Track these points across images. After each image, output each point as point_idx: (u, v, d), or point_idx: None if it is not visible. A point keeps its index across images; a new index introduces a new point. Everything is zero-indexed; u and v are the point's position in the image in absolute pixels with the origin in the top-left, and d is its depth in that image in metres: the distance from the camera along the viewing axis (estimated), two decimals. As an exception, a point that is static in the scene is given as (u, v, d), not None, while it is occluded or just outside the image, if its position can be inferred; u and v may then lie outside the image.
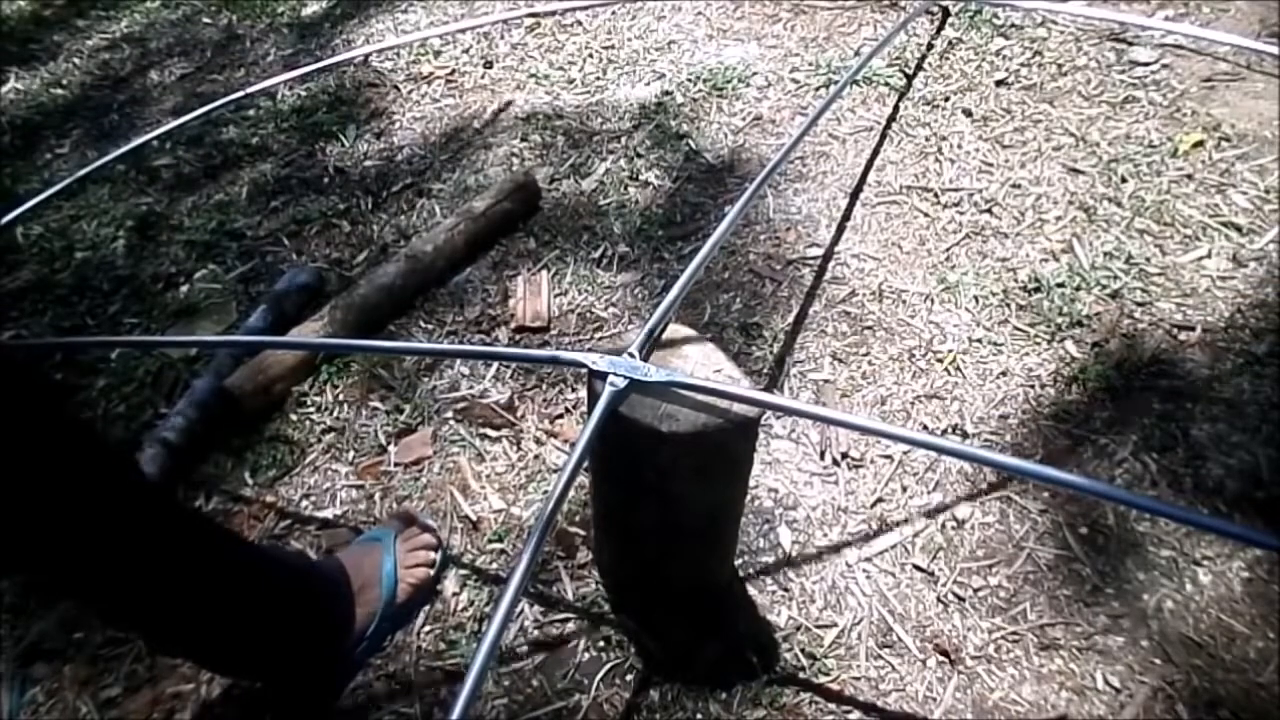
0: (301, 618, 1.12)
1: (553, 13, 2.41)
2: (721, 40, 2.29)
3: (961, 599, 1.23)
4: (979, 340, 1.54)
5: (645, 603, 1.24)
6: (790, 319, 1.60)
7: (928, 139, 1.92)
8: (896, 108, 2.01)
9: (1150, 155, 1.82)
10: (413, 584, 1.24)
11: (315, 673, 1.17)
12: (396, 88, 2.28)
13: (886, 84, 2.07)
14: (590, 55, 2.30)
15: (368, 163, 2.06)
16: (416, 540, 1.27)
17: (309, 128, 2.18)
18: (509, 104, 2.13)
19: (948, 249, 1.70)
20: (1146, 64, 2.04)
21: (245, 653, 1.08)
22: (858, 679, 1.15)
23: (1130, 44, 2.10)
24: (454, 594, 1.28)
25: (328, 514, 1.39)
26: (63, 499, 0.79)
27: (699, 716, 1.14)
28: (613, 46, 2.31)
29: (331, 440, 1.49)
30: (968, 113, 1.97)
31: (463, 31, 2.42)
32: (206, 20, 2.71)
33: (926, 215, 1.76)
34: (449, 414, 1.51)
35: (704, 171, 1.92)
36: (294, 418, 1.52)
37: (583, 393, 1.49)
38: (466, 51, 2.37)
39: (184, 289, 1.79)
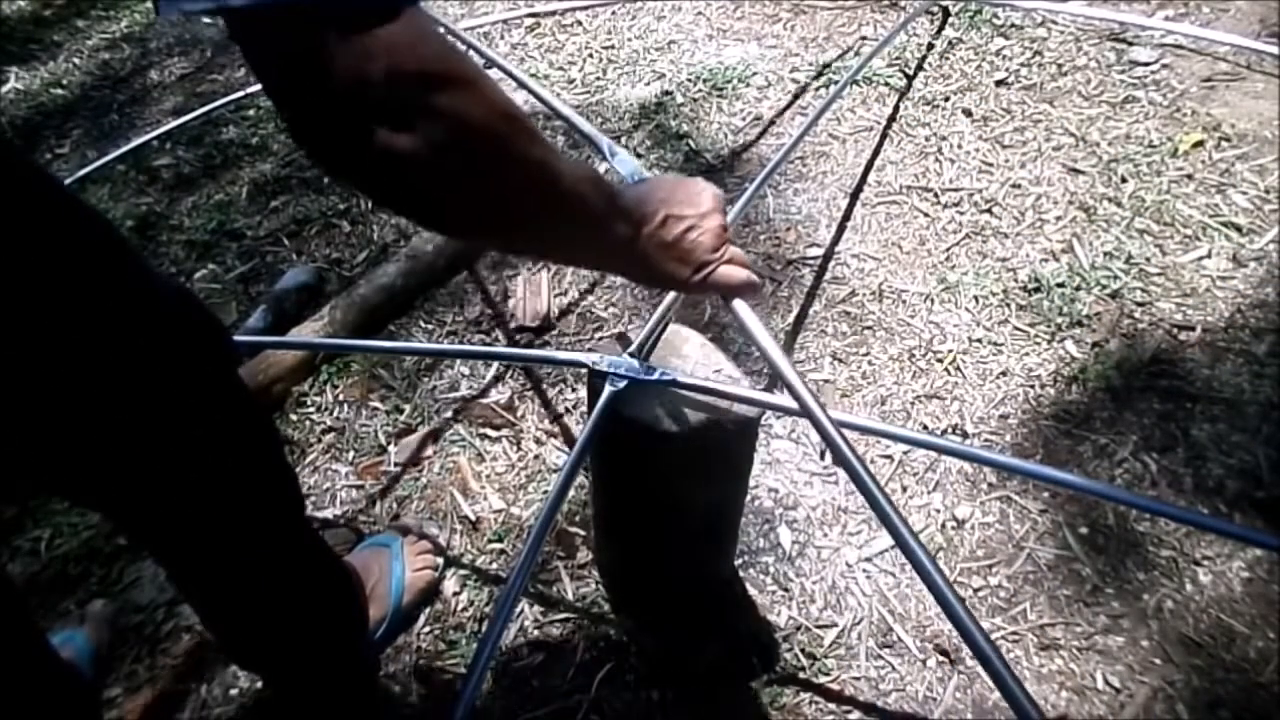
0: (333, 609, 1.10)
1: (553, 13, 2.41)
2: (721, 40, 2.29)
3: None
4: (979, 340, 1.54)
5: (645, 603, 1.24)
6: (790, 319, 1.60)
7: (928, 139, 1.92)
8: (896, 108, 2.01)
9: (1150, 155, 1.82)
10: (419, 589, 1.24)
11: (328, 672, 1.16)
12: (396, 88, 2.28)
13: (886, 84, 2.07)
14: (590, 55, 2.29)
15: (368, 163, 2.06)
16: (421, 545, 1.28)
17: (309, 128, 2.17)
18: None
19: (948, 249, 1.70)
20: (1146, 64, 2.04)
21: (278, 628, 1.02)
22: (858, 679, 1.15)
23: (1130, 44, 2.10)
24: (454, 594, 1.28)
25: (328, 514, 1.39)
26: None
27: (699, 716, 1.14)
28: (613, 46, 2.31)
29: (331, 440, 1.49)
30: (968, 113, 1.97)
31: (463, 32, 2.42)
32: (207, 20, 2.70)
33: (926, 215, 1.76)
34: (449, 414, 1.51)
35: (704, 171, 1.92)
36: (294, 418, 1.52)
37: (583, 393, 1.49)
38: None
39: (184, 289, 1.79)
